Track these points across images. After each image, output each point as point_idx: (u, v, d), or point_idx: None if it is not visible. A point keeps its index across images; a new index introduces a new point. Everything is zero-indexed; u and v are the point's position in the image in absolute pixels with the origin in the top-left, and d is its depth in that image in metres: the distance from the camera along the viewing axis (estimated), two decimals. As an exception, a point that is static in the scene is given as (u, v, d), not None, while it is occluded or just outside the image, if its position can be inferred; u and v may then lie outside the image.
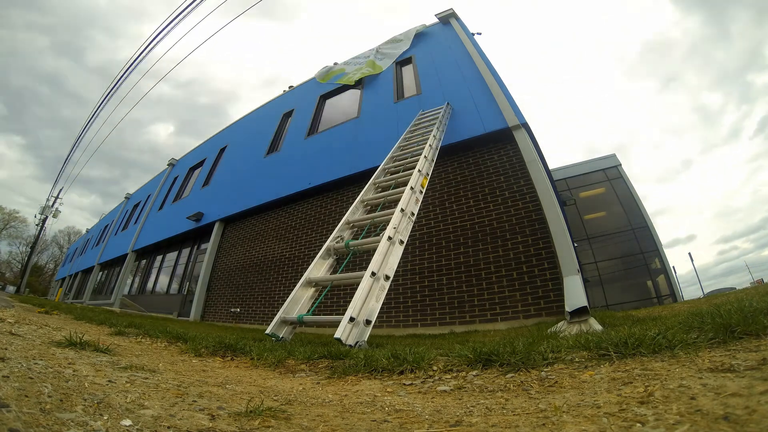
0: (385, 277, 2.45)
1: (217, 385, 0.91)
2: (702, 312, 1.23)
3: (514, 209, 4.58)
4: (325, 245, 2.98)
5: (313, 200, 6.96)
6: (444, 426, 0.62)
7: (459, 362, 1.07)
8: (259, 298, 6.88)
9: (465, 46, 6.74)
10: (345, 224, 3.27)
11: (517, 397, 0.75)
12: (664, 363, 0.77)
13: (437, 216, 5.11)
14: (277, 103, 10.61)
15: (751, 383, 0.56)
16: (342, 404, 0.80)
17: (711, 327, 0.92)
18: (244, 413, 0.63)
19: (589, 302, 3.36)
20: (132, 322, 3.07)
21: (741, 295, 3.18)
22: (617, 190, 13.72)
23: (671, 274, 12.38)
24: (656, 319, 2.01)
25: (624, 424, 0.51)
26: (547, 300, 3.91)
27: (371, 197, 3.70)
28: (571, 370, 0.86)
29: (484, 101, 5.50)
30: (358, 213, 3.53)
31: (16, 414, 0.45)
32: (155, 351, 1.84)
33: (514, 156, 4.88)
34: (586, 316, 2.52)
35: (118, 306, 10.92)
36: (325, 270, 2.88)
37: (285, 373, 1.23)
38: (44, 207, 27.38)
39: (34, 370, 0.70)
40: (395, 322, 4.74)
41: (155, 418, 0.55)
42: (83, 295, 17.31)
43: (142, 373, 0.90)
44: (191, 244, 10.47)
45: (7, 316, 1.81)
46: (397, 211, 2.92)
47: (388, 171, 4.25)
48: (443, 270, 4.70)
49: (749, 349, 0.75)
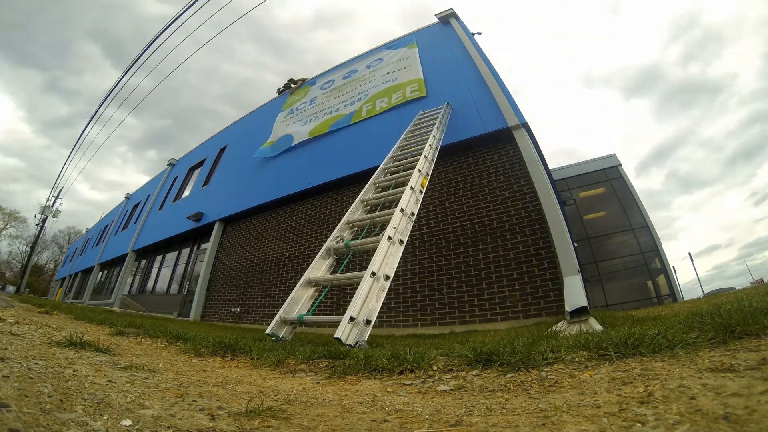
0: (385, 276, 2.45)
1: (217, 385, 0.91)
2: (702, 312, 1.23)
3: (514, 209, 4.58)
4: (325, 245, 2.98)
5: (313, 200, 6.96)
6: (444, 426, 0.62)
7: (459, 362, 1.07)
8: (259, 298, 6.88)
9: (465, 46, 6.74)
10: (345, 224, 3.27)
11: (517, 397, 0.75)
12: (664, 363, 0.77)
13: (437, 216, 5.11)
14: (277, 103, 10.62)
15: (751, 383, 0.56)
16: (342, 404, 0.80)
17: (711, 327, 0.92)
18: (244, 413, 0.63)
19: (589, 302, 3.36)
20: (132, 322, 3.07)
21: (741, 295, 3.18)
22: (617, 190, 13.71)
23: (671, 274, 12.38)
24: (656, 319, 2.01)
25: (624, 424, 0.51)
26: (547, 300, 3.92)
27: (371, 197, 3.70)
28: (571, 370, 0.86)
29: (484, 101, 5.50)
30: (358, 213, 3.53)
31: (16, 414, 0.45)
32: (155, 351, 1.84)
33: (514, 156, 4.88)
34: (586, 316, 2.52)
35: (118, 306, 10.92)
36: (325, 270, 2.88)
37: (285, 373, 1.23)
38: (44, 207, 27.37)
39: (34, 370, 0.70)
40: (395, 322, 4.74)
41: (155, 418, 0.55)
42: (83, 295, 17.31)
43: (142, 373, 0.90)
44: (191, 244, 10.47)
45: (7, 316, 1.81)
46: (397, 211, 2.92)
47: (388, 171, 4.25)
48: (443, 270, 4.70)
49: (749, 349, 0.76)
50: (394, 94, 6.99)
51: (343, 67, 9.50)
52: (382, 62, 8.22)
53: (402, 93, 6.86)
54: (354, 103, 7.65)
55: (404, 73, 7.32)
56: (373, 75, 8.07)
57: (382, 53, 8.61)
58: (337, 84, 8.88)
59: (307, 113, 8.71)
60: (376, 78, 7.88)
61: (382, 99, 7.14)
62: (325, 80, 9.49)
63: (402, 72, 7.39)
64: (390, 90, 7.19)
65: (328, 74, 9.73)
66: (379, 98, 7.21)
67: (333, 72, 9.62)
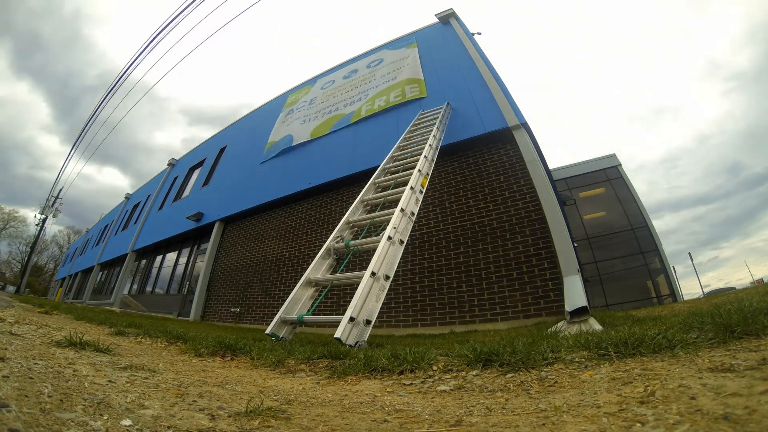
0: (385, 276, 2.45)
1: (217, 385, 0.91)
2: (702, 312, 1.23)
3: (514, 209, 4.58)
4: (325, 245, 2.98)
5: (313, 200, 6.96)
6: (444, 426, 0.62)
7: (459, 362, 1.07)
8: (259, 298, 6.88)
9: (465, 46, 6.74)
10: (345, 224, 3.27)
11: (517, 397, 0.75)
12: (664, 363, 0.77)
13: (437, 216, 5.11)
14: (277, 103, 10.62)
15: (751, 383, 0.56)
16: (342, 404, 0.80)
17: (711, 327, 0.92)
18: (244, 413, 0.63)
19: (589, 302, 3.36)
20: (132, 322, 3.07)
21: (741, 295, 3.18)
22: (617, 190, 13.72)
23: (671, 274, 12.38)
24: (656, 319, 2.01)
25: (624, 424, 0.51)
26: (547, 300, 3.91)
27: (371, 197, 3.70)
28: (571, 370, 0.86)
29: (484, 101, 5.49)
30: (358, 213, 3.53)
31: (16, 414, 0.45)
32: (155, 351, 1.83)
33: (514, 156, 4.88)
34: (586, 316, 2.52)
35: (118, 306, 10.92)
36: (325, 270, 2.88)
37: (285, 373, 1.23)
38: (44, 207, 27.37)
39: (34, 370, 0.70)
40: (395, 322, 4.74)
41: (155, 418, 0.55)
42: (83, 295, 17.31)
43: (142, 373, 0.90)
44: (191, 244, 10.47)
45: (7, 316, 1.81)
46: (397, 210, 2.92)
47: (388, 171, 4.25)
48: (443, 270, 4.69)
49: (749, 348, 0.76)
50: (392, 93, 7.00)
51: (343, 66, 9.49)
52: (383, 62, 8.22)
53: (401, 92, 6.85)
54: (354, 103, 7.65)
55: (404, 72, 7.33)
56: (373, 75, 8.07)
57: (382, 53, 8.61)
58: (337, 84, 8.88)
59: (307, 113, 8.71)
60: (376, 78, 7.88)
61: (380, 98, 7.15)
62: (325, 80, 9.48)
63: (402, 72, 7.40)
64: (389, 89, 7.20)
65: (328, 74, 9.73)
66: (378, 98, 7.22)
67: (333, 72, 9.61)
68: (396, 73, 7.49)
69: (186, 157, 14.44)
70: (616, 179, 13.89)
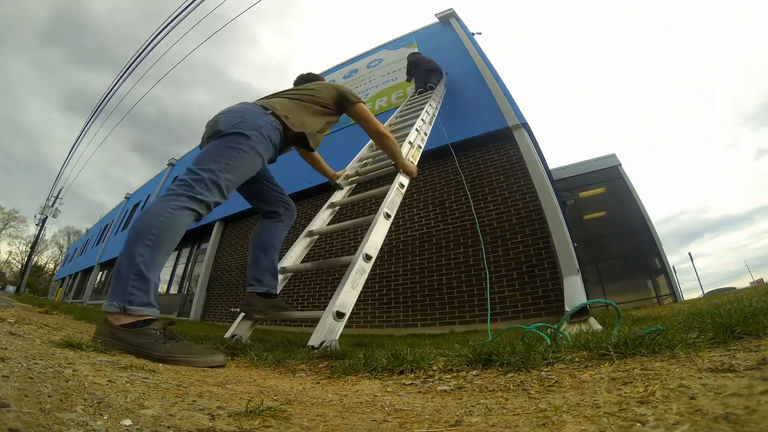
0: (366, 257, 1.92)
1: (217, 385, 0.91)
2: (702, 312, 1.23)
3: (514, 209, 4.59)
4: (307, 228, 2.77)
5: (313, 200, 6.96)
6: (444, 426, 0.62)
7: (459, 362, 1.07)
8: (259, 298, 6.87)
9: (465, 46, 6.74)
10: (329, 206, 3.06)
11: (517, 397, 0.75)
12: (664, 363, 0.77)
13: (437, 216, 5.11)
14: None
15: (751, 383, 0.56)
16: (342, 404, 0.80)
17: (711, 327, 0.92)
18: (243, 413, 0.63)
19: (589, 302, 3.35)
20: (132, 322, 3.05)
21: (741, 295, 3.19)
22: (617, 190, 13.72)
23: (671, 274, 12.39)
24: (656, 319, 2.01)
25: (624, 423, 0.51)
26: (547, 300, 3.92)
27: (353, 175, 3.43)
28: (571, 369, 0.86)
29: (484, 101, 5.50)
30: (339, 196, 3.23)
31: (16, 414, 0.45)
32: (155, 351, 1.83)
33: (514, 156, 4.89)
34: (586, 316, 2.52)
35: (118, 306, 10.91)
36: (301, 251, 2.61)
37: (285, 373, 1.23)
38: (44, 207, 27.36)
39: (34, 370, 0.70)
40: (395, 322, 4.74)
41: (155, 418, 0.55)
42: (83, 295, 17.31)
43: (141, 372, 0.90)
44: (191, 244, 10.47)
45: (7, 316, 1.81)
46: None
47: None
48: (443, 270, 4.70)
49: (749, 348, 0.76)
50: (394, 94, 7.00)
51: (343, 66, 9.49)
52: (383, 62, 8.23)
53: (403, 93, 6.86)
54: None
55: (404, 72, 7.33)
56: (373, 75, 8.07)
57: (382, 53, 8.62)
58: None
59: (307, 113, 8.72)
60: (376, 78, 7.88)
61: (381, 98, 7.15)
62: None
63: (402, 71, 7.40)
64: (390, 90, 7.20)
65: (328, 74, 9.73)
66: (379, 98, 7.21)
67: (333, 72, 9.61)
68: (397, 73, 7.49)
69: (186, 156, 14.43)
70: (616, 179, 13.90)
